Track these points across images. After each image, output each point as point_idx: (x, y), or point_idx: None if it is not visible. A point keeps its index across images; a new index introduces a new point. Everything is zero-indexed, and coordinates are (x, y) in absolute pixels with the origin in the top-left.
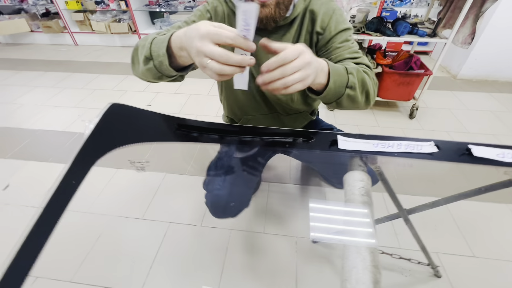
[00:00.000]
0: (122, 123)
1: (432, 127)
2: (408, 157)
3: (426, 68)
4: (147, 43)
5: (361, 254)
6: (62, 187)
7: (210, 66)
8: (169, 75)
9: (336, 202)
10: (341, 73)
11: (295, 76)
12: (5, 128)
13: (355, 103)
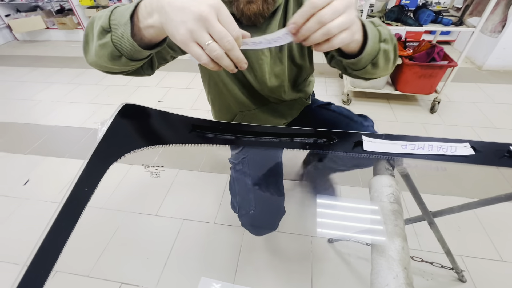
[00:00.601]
0: (135, 124)
1: (455, 122)
2: (440, 160)
3: (450, 59)
4: (107, 12)
5: (393, 270)
6: (75, 195)
7: (211, 48)
8: (130, 56)
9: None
10: (370, 26)
11: (338, 21)
12: (24, 124)
13: (388, 62)
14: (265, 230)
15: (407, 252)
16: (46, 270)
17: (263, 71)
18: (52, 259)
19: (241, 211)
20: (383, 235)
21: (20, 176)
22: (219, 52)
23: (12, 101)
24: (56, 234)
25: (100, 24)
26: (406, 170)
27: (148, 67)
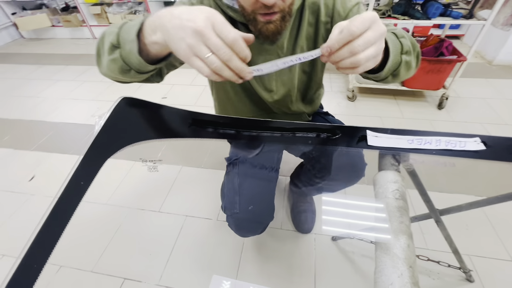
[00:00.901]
0: (133, 118)
1: (464, 118)
2: (449, 156)
3: (459, 54)
4: (116, 29)
5: (398, 268)
6: (71, 189)
7: (210, 61)
8: (138, 69)
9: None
10: (392, 38)
11: (367, 53)
12: (30, 121)
13: (409, 70)
14: (251, 233)
15: (412, 250)
16: (40, 263)
17: (270, 78)
18: (46, 252)
19: (227, 211)
20: (387, 232)
21: (26, 172)
22: (218, 64)
23: (18, 98)
24: (50, 227)
25: (110, 40)
26: (412, 166)
27: (157, 76)
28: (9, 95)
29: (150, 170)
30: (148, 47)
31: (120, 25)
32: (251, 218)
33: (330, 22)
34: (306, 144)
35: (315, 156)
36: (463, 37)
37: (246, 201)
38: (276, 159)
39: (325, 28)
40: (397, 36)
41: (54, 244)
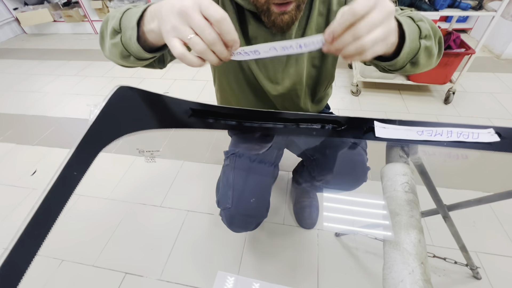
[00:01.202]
0: (130, 107)
1: (471, 113)
2: (461, 148)
3: (467, 47)
4: (119, 14)
5: (409, 265)
6: (63, 179)
7: (193, 42)
8: (137, 56)
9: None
10: (408, 22)
11: (373, 35)
12: (32, 116)
13: (431, 58)
14: (242, 229)
15: (424, 245)
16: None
17: (275, 69)
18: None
19: (220, 205)
20: (397, 226)
21: (28, 166)
22: (201, 46)
23: (21, 93)
24: (41, 218)
25: (112, 25)
26: (420, 159)
27: (159, 62)
28: (12, 90)
29: (147, 161)
30: (146, 34)
31: (124, 10)
32: (244, 214)
33: None
34: (311, 135)
35: (315, 158)
36: (470, 30)
37: (239, 197)
38: (276, 155)
39: None
40: (414, 19)
41: (45, 235)
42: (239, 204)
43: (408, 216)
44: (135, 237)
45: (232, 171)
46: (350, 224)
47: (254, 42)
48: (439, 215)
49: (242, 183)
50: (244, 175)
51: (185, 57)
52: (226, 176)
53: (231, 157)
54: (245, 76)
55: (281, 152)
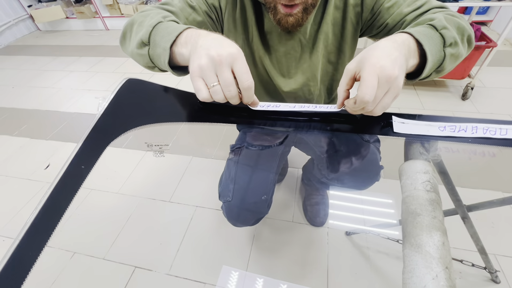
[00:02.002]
0: (139, 100)
1: (490, 109)
2: (488, 144)
3: (488, 40)
4: (148, 26)
5: (432, 269)
6: (70, 173)
7: (215, 90)
8: (163, 70)
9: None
10: (430, 34)
11: (383, 104)
12: (45, 111)
13: (459, 59)
14: (239, 223)
15: (448, 249)
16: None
17: (289, 64)
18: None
19: (221, 198)
20: (418, 228)
21: (42, 160)
22: (221, 96)
23: (35, 89)
24: (48, 211)
25: (141, 36)
26: (440, 157)
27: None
28: (27, 85)
29: (156, 155)
30: (175, 54)
31: (155, 22)
32: (244, 208)
33: (360, 5)
34: (325, 130)
35: (325, 157)
36: (490, 23)
37: (240, 190)
38: (282, 152)
39: (355, 11)
40: (437, 28)
41: (53, 228)
42: (239, 198)
43: (431, 217)
44: (144, 232)
45: (235, 165)
46: (361, 223)
47: (269, 36)
48: (455, 215)
49: (244, 177)
50: (247, 170)
51: (206, 99)
52: (229, 170)
53: (236, 151)
54: (257, 72)
55: (288, 149)
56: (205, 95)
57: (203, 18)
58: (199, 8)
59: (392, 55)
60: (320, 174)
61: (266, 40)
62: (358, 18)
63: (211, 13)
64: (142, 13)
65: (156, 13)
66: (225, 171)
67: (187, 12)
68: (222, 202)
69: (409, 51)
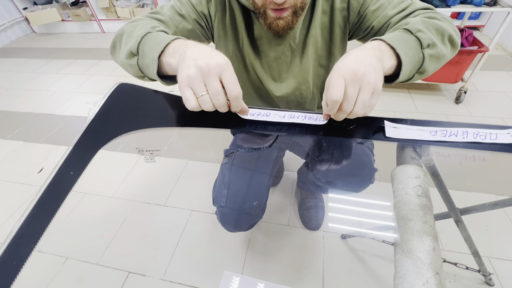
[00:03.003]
0: (131, 105)
1: (483, 113)
2: (478, 149)
3: (480, 44)
4: (137, 36)
5: (422, 275)
6: (59, 179)
7: (203, 99)
8: (152, 79)
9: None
10: (405, 38)
11: (361, 102)
12: (39, 114)
13: (442, 60)
14: (235, 229)
15: (438, 254)
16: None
17: (280, 68)
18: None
19: (215, 204)
20: (409, 233)
21: (35, 164)
22: (209, 105)
23: (29, 92)
24: (35, 219)
25: (130, 46)
26: (432, 161)
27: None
28: (21, 88)
29: (147, 161)
30: (163, 64)
31: (143, 33)
32: (237, 213)
33: (346, 9)
34: (317, 134)
35: (319, 161)
36: (483, 28)
37: (234, 196)
38: (276, 156)
39: (342, 15)
40: (411, 31)
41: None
42: (233, 203)
43: (422, 222)
44: (138, 236)
45: (229, 170)
46: (356, 226)
47: (259, 42)
48: (449, 218)
49: (238, 182)
50: (241, 175)
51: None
52: (222, 175)
53: (229, 156)
54: (249, 77)
55: (282, 153)
56: (194, 104)
57: (193, 26)
58: (189, 16)
59: (359, 57)
60: (315, 177)
61: (257, 45)
62: (345, 22)
63: (201, 20)
64: (132, 24)
65: (146, 23)
66: (219, 176)
67: (177, 21)
68: (216, 208)
69: (382, 53)
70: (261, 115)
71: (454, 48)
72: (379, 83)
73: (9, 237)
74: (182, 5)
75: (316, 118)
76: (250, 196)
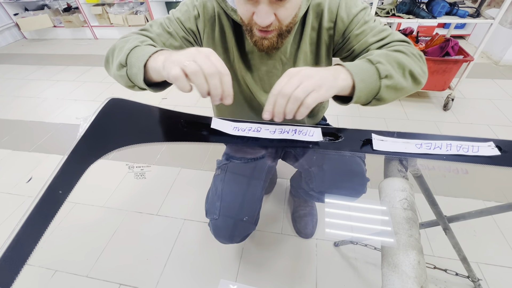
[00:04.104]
0: (122, 120)
1: (470, 120)
2: (461, 162)
3: (465, 54)
4: (126, 49)
5: None
6: (47, 199)
7: (190, 66)
8: (141, 88)
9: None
10: (365, 67)
11: (300, 89)
12: (29, 122)
13: (401, 91)
14: (229, 241)
15: (423, 267)
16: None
17: (271, 79)
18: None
19: (208, 216)
20: (395, 247)
21: (24, 173)
22: (201, 80)
23: (19, 99)
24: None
25: (119, 60)
26: (419, 171)
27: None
28: (10, 95)
29: (137, 178)
30: (150, 71)
31: (131, 47)
32: (230, 226)
33: (333, 28)
34: (307, 148)
35: (312, 171)
36: (468, 37)
37: (227, 209)
38: (268, 166)
39: (328, 34)
40: (372, 62)
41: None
42: (226, 216)
43: (407, 236)
44: (130, 247)
45: (222, 182)
46: (349, 233)
47: (250, 56)
48: (438, 226)
49: (231, 194)
50: (234, 187)
51: (179, 79)
52: (216, 187)
53: (222, 167)
54: (241, 89)
55: (275, 163)
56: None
57: (181, 43)
58: (176, 34)
59: (312, 68)
60: (308, 187)
61: (248, 59)
62: (330, 40)
63: (189, 36)
64: (123, 39)
65: (135, 38)
66: (212, 188)
67: (164, 38)
68: (209, 220)
69: (338, 73)
70: (252, 130)
71: (416, 82)
72: (322, 86)
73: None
74: (171, 23)
75: (306, 133)
76: (243, 208)
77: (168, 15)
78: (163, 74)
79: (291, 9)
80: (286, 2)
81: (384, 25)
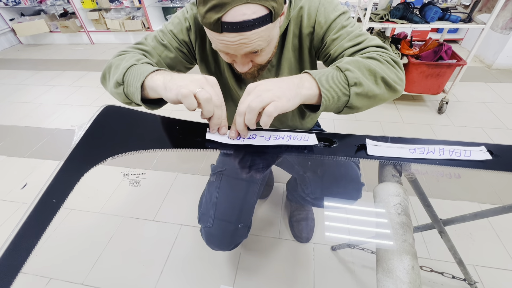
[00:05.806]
0: (117, 128)
1: (464, 122)
2: (453, 166)
3: (458, 58)
4: (123, 68)
5: None
6: (41, 208)
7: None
8: (138, 105)
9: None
10: (333, 75)
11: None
12: (24, 127)
13: (374, 99)
14: (218, 248)
15: (417, 272)
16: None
17: None
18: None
19: (201, 223)
20: (389, 252)
21: (18, 180)
22: (207, 96)
23: (14, 104)
24: (14, 252)
25: (116, 77)
26: (414, 175)
27: None
28: (5, 101)
29: (132, 185)
30: (146, 90)
31: (128, 65)
32: (223, 235)
33: (312, 33)
34: (301, 153)
35: (307, 177)
36: (461, 41)
37: (221, 217)
38: (263, 175)
39: (309, 39)
40: (341, 69)
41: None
42: (220, 224)
43: (401, 241)
44: (126, 253)
45: (216, 189)
46: (346, 237)
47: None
48: (434, 229)
49: (225, 203)
50: (228, 196)
51: (189, 98)
52: (210, 194)
53: (217, 175)
54: (232, 96)
55: (269, 170)
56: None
57: (175, 54)
58: (170, 45)
59: (272, 80)
60: (304, 192)
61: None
62: (311, 45)
63: (183, 47)
64: (119, 57)
65: (131, 56)
66: (206, 194)
67: (160, 50)
68: (202, 227)
69: (302, 82)
70: (246, 138)
71: (390, 89)
72: (281, 97)
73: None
74: (164, 35)
75: (301, 138)
76: (237, 217)
77: (161, 28)
78: (162, 93)
79: (266, 55)
80: (261, 51)
81: (361, 30)
